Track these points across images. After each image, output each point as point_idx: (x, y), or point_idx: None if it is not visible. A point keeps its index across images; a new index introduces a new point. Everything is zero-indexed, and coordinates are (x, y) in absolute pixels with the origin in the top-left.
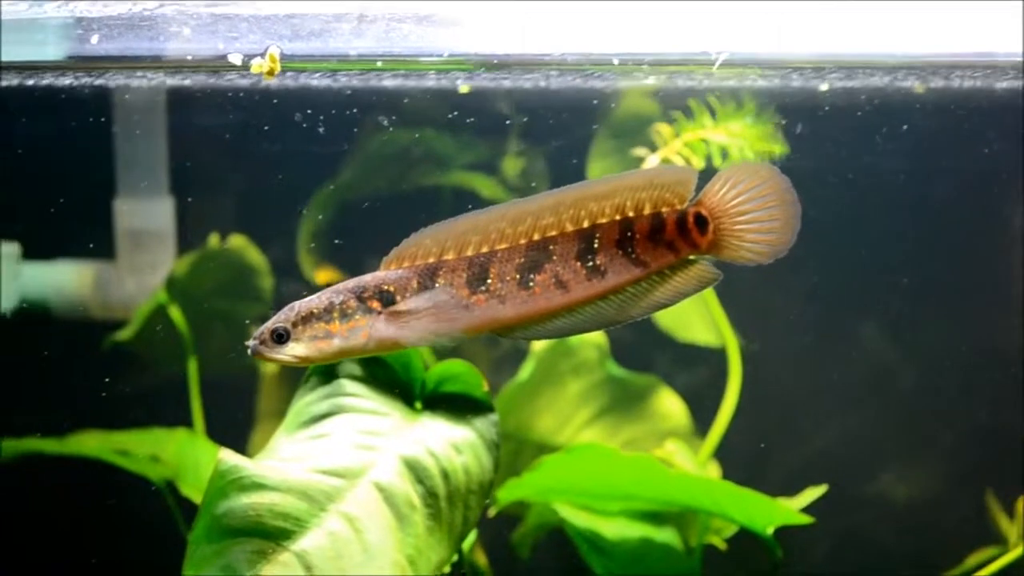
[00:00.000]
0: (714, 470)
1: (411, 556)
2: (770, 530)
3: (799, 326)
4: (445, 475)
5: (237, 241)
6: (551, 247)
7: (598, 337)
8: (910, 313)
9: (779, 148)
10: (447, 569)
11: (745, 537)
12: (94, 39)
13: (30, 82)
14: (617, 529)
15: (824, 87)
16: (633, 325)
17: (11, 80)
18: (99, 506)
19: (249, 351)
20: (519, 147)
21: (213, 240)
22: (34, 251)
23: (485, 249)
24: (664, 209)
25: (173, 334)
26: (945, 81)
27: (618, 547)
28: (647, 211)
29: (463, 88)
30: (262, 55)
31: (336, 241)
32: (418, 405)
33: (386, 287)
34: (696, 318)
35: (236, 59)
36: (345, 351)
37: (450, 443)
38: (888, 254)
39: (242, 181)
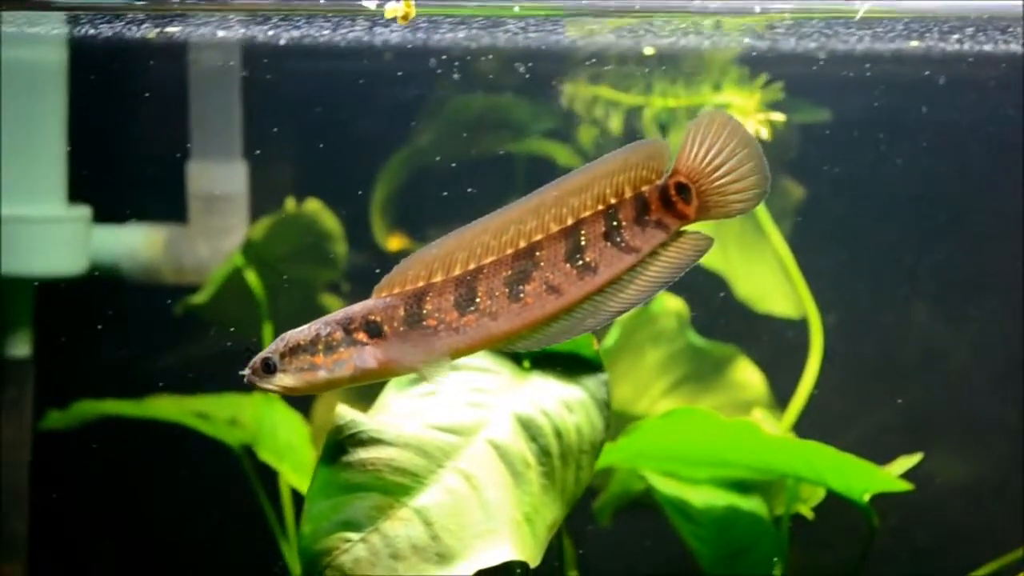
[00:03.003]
0: None
1: (527, 514)
2: (867, 497)
3: (873, 298)
4: (558, 434)
5: (313, 205)
6: (537, 253)
7: (678, 305)
8: (979, 288)
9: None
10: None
11: (826, 506)
12: None
13: (107, 34)
14: (703, 497)
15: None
16: (710, 295)
17: (87, 30)
18: (174, 470)
19: (245, 379)
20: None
21: (290, 204)
22: (105, 214)
23: (472, 266)
24: (644, 188)
25: (247, 298)
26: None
27: (705, 514)
28: (628, 194)
29: (648, 50)
30: None
31: (442, 193)
32: (526, 364)
33: (373, 317)
34: (775, 289)
35: (370, 3)
36: (333, 382)
37: (562, 402)
38: (980, 228)
39: (316, 143)
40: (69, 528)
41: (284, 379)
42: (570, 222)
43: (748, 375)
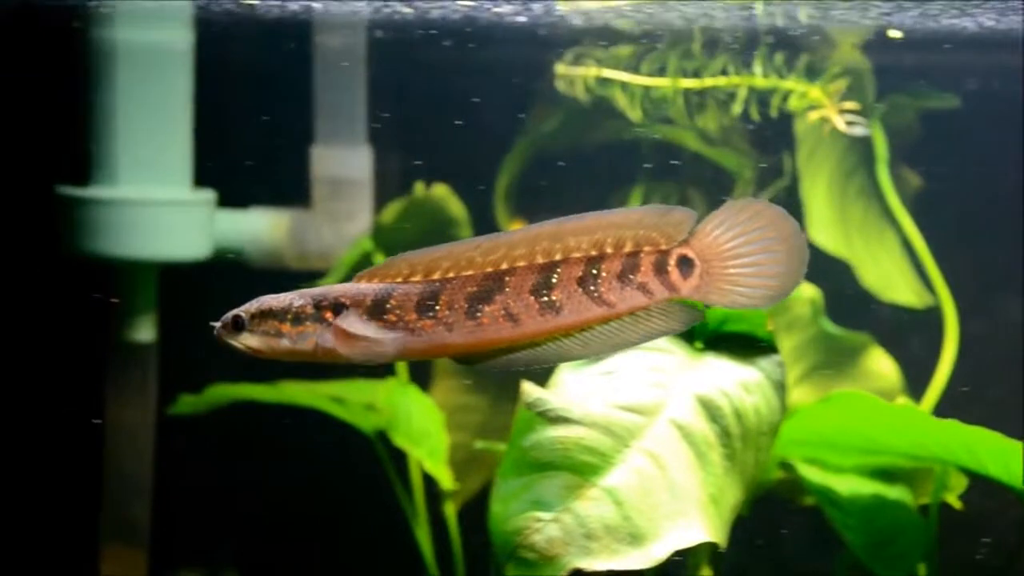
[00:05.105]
0: None
1: (713, 495)
2: None
3: (991, 287)
4: (738, 415)
5: (440, 191)
6: (506, 279)
7: (812, 292)
8: None
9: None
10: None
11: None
12: None
13: (234, 16)
14: (849, 485)
15: None
16: (835, 281)
17: (213, 9)
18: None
19: (215, 332)
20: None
21: (419, 188)
22: (229, 198)
23: (452, 275)
24: (645, 248)
25: None
26: None
27: (852, 503)
28: (627, 250)
29: (894, 34)
30: None
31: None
32: (698, 344)
33: (343, 299)
34: (899, 278)
35: None
36: (295, 353)
37: (740, 383)
38: None
39: (439, 128)
40: (191, 513)
41: (249, 339)
42: (557, 259)
43: (881, 364)
